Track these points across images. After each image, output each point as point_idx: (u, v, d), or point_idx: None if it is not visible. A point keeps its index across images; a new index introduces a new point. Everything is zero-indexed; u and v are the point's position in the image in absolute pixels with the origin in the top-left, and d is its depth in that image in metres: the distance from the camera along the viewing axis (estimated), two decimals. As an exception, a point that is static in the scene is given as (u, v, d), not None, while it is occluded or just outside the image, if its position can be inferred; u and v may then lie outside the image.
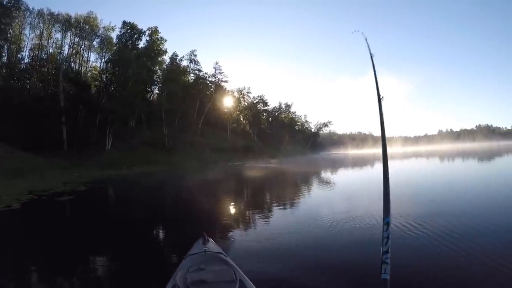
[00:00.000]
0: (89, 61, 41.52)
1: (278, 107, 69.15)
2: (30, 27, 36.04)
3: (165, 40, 44.14)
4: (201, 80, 47.93)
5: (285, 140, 66.25)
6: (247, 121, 61.51)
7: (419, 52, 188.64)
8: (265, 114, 66.46)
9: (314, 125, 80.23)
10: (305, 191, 12.40)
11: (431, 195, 9.20)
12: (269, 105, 65.58)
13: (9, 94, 28.29)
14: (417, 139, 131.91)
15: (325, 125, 79.76)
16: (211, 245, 3.29)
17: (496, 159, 26.02)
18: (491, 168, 19.65)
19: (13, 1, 32.20)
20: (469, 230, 5.22)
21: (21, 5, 33.48)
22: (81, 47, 39.97)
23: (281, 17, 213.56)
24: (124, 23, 40.95)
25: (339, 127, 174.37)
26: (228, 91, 55.19)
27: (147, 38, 42.90)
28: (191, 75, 47.84)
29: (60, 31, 37.64)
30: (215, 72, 50.03)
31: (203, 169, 27.48)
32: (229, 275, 2.59)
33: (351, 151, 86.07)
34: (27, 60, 36.40)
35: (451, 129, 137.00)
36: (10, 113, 25.53)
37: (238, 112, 58.95)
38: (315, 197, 10.49)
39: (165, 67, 44.42)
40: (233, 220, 7.60)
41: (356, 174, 20.95)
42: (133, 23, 41.19)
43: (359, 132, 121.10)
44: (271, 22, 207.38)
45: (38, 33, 36.62)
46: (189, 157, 34.43)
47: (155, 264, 4.54)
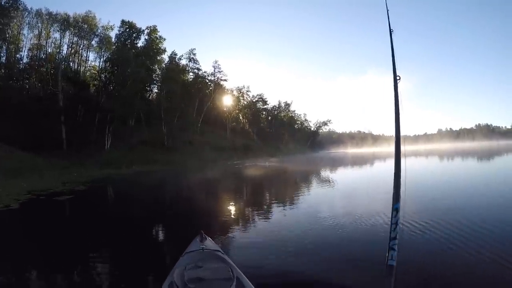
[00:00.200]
0: (88, 60, 41.65)
1: (277, 106, 69.10)
2: (28, 27, 36.14)
3: (164, 39, 44.22)
4: (200, 79, 47.85)
5: (284, 139, 66.19)
6: (246, 120, 61.43)
7: (418, 51, 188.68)
8: (264, 113, 66.37)
9: (313, 124, 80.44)
10: (305, 189, 12.39)
11: (434, 193, 9.19)
12: (268, 104, 65.62)
13: (8, 94, 28.20)
14: (416, 138, 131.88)
15: (325, 124, 79.91)
16: (208, 242, 3.30)
17: (499, 158, 25.93)
18: (495, 167, 19.53)
19: (11, 1, 32.15)
20: (477, 228, 5.21)
21: (19, 5, 33.50)
22: (79, 46, 40.08)
23: (281, 16, 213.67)
24: (123, 22, 41.04)
25: (338, 126, 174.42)
26: (227, 89, 55.24)
27: (146, 37, 42.92)
28: (190, 74, 47.81)
29: (58, 31, 37.75)
30: (214, 71, 50.04)
31: (202, 168, 27.44)
32: (226, 272, 2.60)
33: (351, 150, 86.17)
34: (25, 60, 36.47)
35: (450, 128, 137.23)
36: (9, 113, 25.51)
37: (237, 111, 58.86)
38: (314, 195, 10.47)
39: (164, 66, 44.30)
40: (231, 218, 7.61)
41: (356, 173, 20.96)
42: (131, 22, 41.30)
43: (359, 131, 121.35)
44: (271, 21, 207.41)
45: (37, 33, 36.70)
46: (188, 156, 34.39)
47: (152, 261, 4.54)
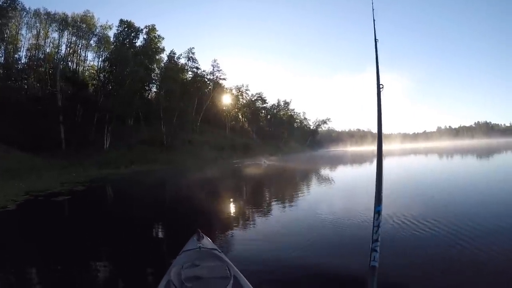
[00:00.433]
0: (87, 60, 41.59)
1: (276, 105, 68.99)
2: (26, 27, 35.92)
3: (163, 38, 44.08)
4: (199, 78, 47.72)
5: (284, 137, 66.15)
6: (245, 119, 61.34)
7: (418, 48, 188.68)
8: (263, 112, 66.29)
9: (312, 122, 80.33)
10: (304, 188, 12.39)
11: (431, 192, 9.17)
12: (267, 103, 65.44)
13: (6, 94, 28.10)
14: (415, 136, 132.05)
15: (324, 122, 79.83)
16: (205, 241, 3.28)
17: (500, 156, 25.83)
18: (497, 165, 19.36)
19: (9, 1, 32.00)
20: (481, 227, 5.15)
21: (17, 5, 33.30)
22: (78, 46, 39.96)
23: (277, 14, 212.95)
24: (121, 21, 40.92)
25: (338, 124, 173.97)
26: (226, 88, 55.06)
27: (145, 36, 42.84)
28: (189, 73, 47.66)
29: (57, 31, 37.62)
30: (213, 70, 49.83)
31: (202, 167, 27.42)
32: (223, 271, 2.59)
33: (350, 148, 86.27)
34: (24, 60, 36.25)
35: (449, 126, 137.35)
36: (8, 113, 25.44)
37: (236, 110, 58.76)
38: (313, 193, 10.46)
39: (163, 65, 44.20)
40: (228, 217, 7.61)
41: (355, 171, 20.95)
42: (130, 21, 41.18)
43: (358, 129, 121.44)
44: (267, 19, 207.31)
45: (35, 33, 36.49)
46: (187, 155, 34.37)
47: (150, 260, 4.52)
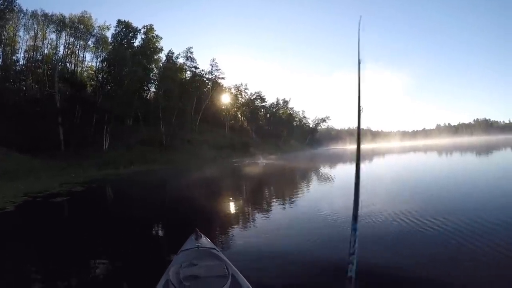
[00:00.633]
0: (85, 60, 41.60)
1: (275, 103, 69.07)
2: (24, 28, 35.95)
3: (161, 38, 43.96)
4: (198, 77, 47.72)
5: (283, 136, 66.21)
6: (245, 118, 61.36)
7: (417, 45, 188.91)
8: (262, 110, 66.30)
9: (312, 121, 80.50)
10: (304, 186, 12.37)
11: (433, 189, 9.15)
12: (266, 101, 65.43)
13: (4, 96, 28.07)
14: (414, 134, 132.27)
15: (323, 120, 79.96)
16: (203, 240, 3.27)
17: (499, 153, 25.73)
18: (498, 162, 19.25)
19: (6, 3, 31.86)
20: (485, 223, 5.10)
21: (15, 6, 33.17)
22: (76, 47, 39.95)
23: (274, 11, 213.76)
24: (119, 21, 40.77)
25: (337, 122, 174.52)
26: (225, 87, 55.02)
27: (143, 36, 42.70)
28: (188, 72, 47.64)
29: (54, 32, 37.54)
30: (211, 69, 49.77)
31: (201, 167, 27.40)
32: (221, 270, 2.58)
33: (350, 146, 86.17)
34: (22, 61, 36.24)
35: (449, 123, 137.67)
36: (6, 115, 25.39)
37: (235, 109, 58.79)
38: (313, 192, 10.44)
39: (161, 65, 44.14)
40: (226, 216, 7.59)
41: (353, 170, 20.88)
42: (128, 21, 41.07)
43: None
44: (264, 17, 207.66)
45: (33, 34, 36.47)
46: (187, 154, 34.39)
47: (148, 260, 4.50)
